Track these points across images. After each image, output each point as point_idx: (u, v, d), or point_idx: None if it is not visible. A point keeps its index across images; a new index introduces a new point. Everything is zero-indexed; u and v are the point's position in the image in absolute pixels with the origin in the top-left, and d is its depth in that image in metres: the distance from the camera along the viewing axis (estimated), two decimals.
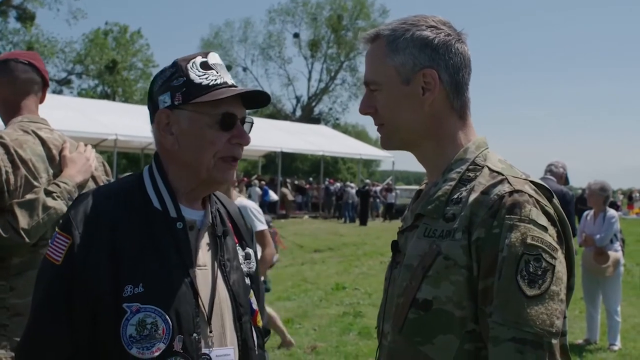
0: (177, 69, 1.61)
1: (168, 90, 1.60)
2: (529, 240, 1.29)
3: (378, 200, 31.87)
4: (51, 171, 2.46)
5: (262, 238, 4.75)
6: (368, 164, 56.18)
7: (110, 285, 1.49)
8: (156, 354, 1.48)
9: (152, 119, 1.64)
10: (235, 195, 4.63)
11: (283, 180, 30.22)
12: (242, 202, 4.71)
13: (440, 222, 1.41)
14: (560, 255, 1.34)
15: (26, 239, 2.25)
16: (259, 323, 1.78)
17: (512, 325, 1.27)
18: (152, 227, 1.57)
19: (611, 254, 6.77)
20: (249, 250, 1.81)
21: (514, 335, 1.26)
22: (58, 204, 2.33)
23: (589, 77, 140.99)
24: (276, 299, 8.84)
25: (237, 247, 1.76)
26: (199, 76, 1.59)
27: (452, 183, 1.43)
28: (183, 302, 1.53)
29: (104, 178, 2.68)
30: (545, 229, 1.33)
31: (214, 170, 1.60)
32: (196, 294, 1.56)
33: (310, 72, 54.61)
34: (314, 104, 55.10)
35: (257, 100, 1.68)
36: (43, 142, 2.47)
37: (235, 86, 1.65)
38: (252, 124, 1.69)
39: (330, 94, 55.20)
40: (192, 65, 1.60)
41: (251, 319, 1.71)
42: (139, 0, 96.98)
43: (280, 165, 29.37)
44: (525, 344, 1.25)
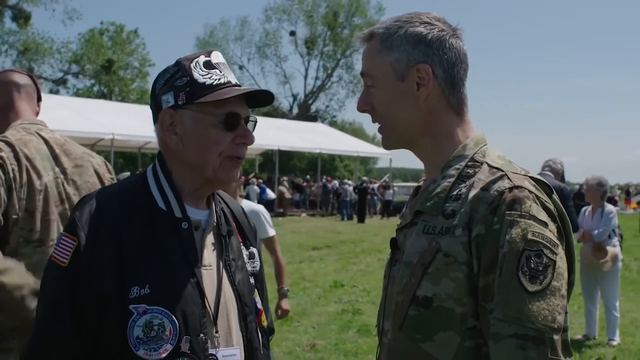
0: (180, 69, 1.60)
1: (171, 90, 1.59)
2: (529, 236, 1.29)
3: (376, 198, 31.89)
4: (57, 169, 2.49)
5: (272, 244, 4.61)
6: (365, 161, 56.20)
7: (117, 287, 1.49)
8: (163, 355, 1.48)
9: (155, 118, 1.63)
10: (240, 199, 4.48)
11: (279, 178, 30.19)
12: (251, 206, 4.58)
13: (440, 219, 1.40)
14: (560, 251, 1.34)
15: None
16: (264, 322, 1.78)
17: (514, 322, 1.26)
18: (157, 227, 1.57)
19: (609, 249, 6.78)
20: (253, 250, 1.81)
21: (515, 331, 1.26)
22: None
23: (586, 71, 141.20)
24: (275, 297, 8.82)
25: (241, 247, 1.76)
26: (203, 76, 1.58)
27: (451, 180, 1.43)
28: (190, 303, 1.52)
29: (108, 176, 2.69)
30: (545, 224, 1.33)
31: (219, 170, 1.60)
32: (202, 295, 1.56)
33: (306, 69, 54.65)
34: (310, 101, 55.06)
35: (261, 98, 1.68)
36: (46, 142, 2.51)
37: (239, 85, 1.64)
38: (255, 122, 1.68)
39: (327, 91, 55.24)
40: (196, 64, 1.60)
41: (256, 318, 1.71)
42: (135, 0, 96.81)
43: (277, 163, 29.37)
44: (527, 340, 1.25)
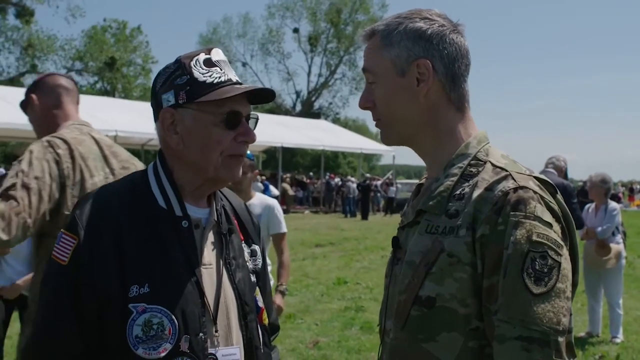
0: (180, 67, 1.59)
1: (172, 89, 1.58)
2: (534, 238, 1.28)
3: (379, 195, 31.87)
4: (107, 169, 2.59)
5: (282, 241, 4.47)
6: (369, 158, 56.13)
7: (116, 285, 1.48)
8: (163, 354, 1.47)
9: (156, 117, 1.63)
10: (253, 193, 4.38)
11: (282, 175, 30.18)
12: (267, 200, 4.45)
13: (443, 218, 1.39)
14: (565, 252, 1.33)
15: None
16: (265, 321, 1.77)
17: (519, 324, 1.25)
18: (157, 226, 1.56)
19: (613, 246, 6.77)
20: (255, 247, 1.80)
21: (520, 333, 1.25)
22: None
23: (588, 69, 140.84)
24: None
25: (243, 244, 1.75)
26: (203, 74, 1.57)
27: (454, 178, 1.42)
28: (189, 302, 1.52)
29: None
30: (550, 225, 1.31)
31: (221, 168, 1.59)
32: (202, 294, 1.55)
33: (310, 66, 54.66)
34: (313, 98, 55.04)
35: (262, 96, 1.67)
36: (97, 142, 2.63)
37: (240, 82, 1.63)
38: (257, 120, 1.67)
39: (330, 88, 55.19)
40: (196, 62, 1.59)
41: (257, 317, 1.71)
42: None
43: (280, 160, 29.35)
44: (532, 342, 1.24)
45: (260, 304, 1.75)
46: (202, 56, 1.60)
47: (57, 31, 70.30)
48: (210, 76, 1.57)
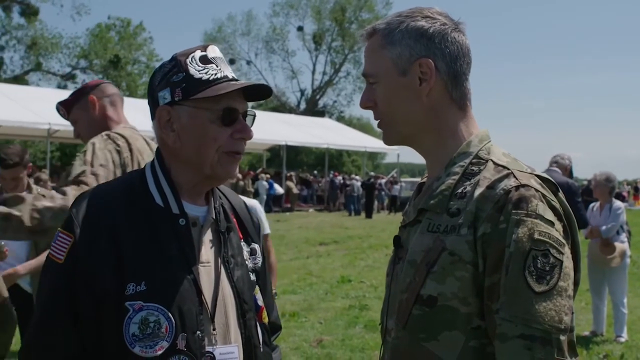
0: (176, 64, 1.59)
1: (168, 86, 1.58)
2: (536, 236, 1.28)
3: (383, 193, 31.85)
4: None
5: (266, 242, 4.42)
6: (373, 156, 56.09)
7: (113, 283, 1.48)
8: (159, 352, 1.47)
9: (153, 115, 1.63)
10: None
11: (287, 173, 30.17)
12: (249, 202, 4.55)
13: (444, 217, 1.39)
14: (567, 251, 1.32)
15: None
16: (265, 320, 1.76)
17: (520, 322, 1.25)
18: (154, 224, 1.55)
19: (617, 245, 6.74)
20: (255, 246, 1.79)
21: (522, 331, 1.25)
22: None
23: (591, 67, 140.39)
24: (282, 292, 8.84)
25: (242, 243, 1.74)
26: (199, 71, 1.57)
27: (456, 177, 1.42)
28: (186, 300, 1.51)
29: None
30: (552, 223, 1.31)
31: (217, 166, 1.59)
32: (199, 292, 1.54)
33: (314, 64, 54.62)
34: (318, 96, 55.04)
35: (259, 92, 1.66)
36: (147, 143, 2.85)
37: (236, 79, 1.62)
38: (254, 117, 1.66)
39: (335, 86, 55.20)
40: (192, 59, 1.58)
41: (256, 315, 1.70)
42: None
43: (285, 159, 29.36)
44: (534, 341, 1.24)
45: (260, 302, 1.74)
46: (198, 53, 1.60)
47: (62, 29, 70.38)
48: (206, 73, 1.57)
